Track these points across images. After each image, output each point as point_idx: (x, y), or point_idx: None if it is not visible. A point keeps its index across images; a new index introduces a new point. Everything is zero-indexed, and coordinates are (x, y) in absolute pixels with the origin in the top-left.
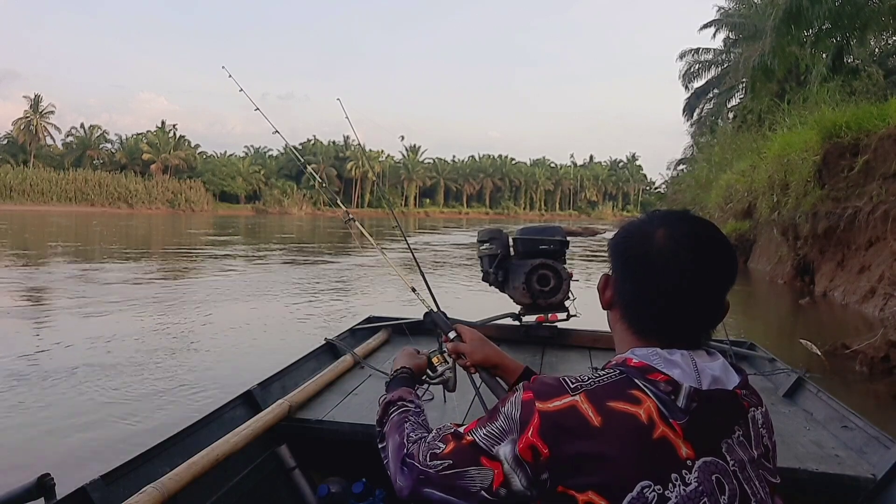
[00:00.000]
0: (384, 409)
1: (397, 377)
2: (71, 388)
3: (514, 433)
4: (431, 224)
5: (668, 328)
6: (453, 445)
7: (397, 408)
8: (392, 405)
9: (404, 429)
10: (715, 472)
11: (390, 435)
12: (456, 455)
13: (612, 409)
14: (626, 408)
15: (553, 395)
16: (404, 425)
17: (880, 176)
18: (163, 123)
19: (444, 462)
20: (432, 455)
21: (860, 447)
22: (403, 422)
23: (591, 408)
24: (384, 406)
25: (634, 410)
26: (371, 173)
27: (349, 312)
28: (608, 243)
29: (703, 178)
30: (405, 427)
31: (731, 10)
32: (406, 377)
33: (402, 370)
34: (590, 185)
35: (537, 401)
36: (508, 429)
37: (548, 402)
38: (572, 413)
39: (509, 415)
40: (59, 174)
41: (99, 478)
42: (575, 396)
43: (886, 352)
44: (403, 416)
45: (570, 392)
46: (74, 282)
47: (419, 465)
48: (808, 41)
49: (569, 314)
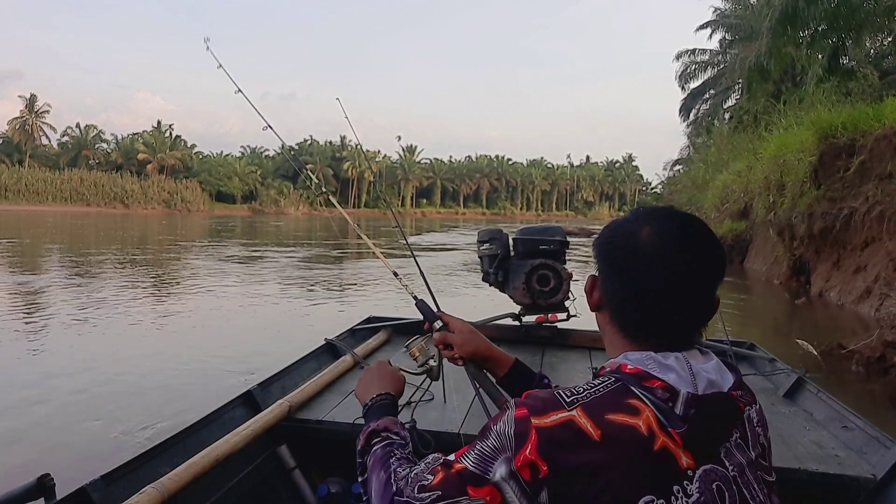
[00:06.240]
0: (367, 438)
1: (377, 405)
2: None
3: (508, 451)
4: (428, 226)
5: (658, 328)
6: (442, 475)
7: (381, 440)
8: (375, 435)
9: (390, 465)
10: (715, 480)
11: (374, 471)
12: (444, 486)
13: (612, 421)
14: (626, 420)
15: (549, 410)
16: (390, 461)
17: (876, 176)
18: (159, 123)
19: (433, 494)
20: (420, 487)
21: (860, 447)
22: (389, 456)
23: (590, 422)
24: (367, 436)
25: (634, 422)
26: (368, 173)
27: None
28: (593, 242)
29: (699, 178)
30: (391, 463)
31: (728, 10)
32: (387, 404)
33: (381, 397)
34: (586, 185)
35: (533, 417)
36: (502, 447)
37: (543, 417)
38: (570, 428)
39: (503, 433)
40: (55, 174)
41: (99, 478)
42: (571, 411)
43: (882, 352)
44: (388, 450)
45: (566, 406)
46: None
47: (407, 499)
48: (804, 42)
49: (569, 314)
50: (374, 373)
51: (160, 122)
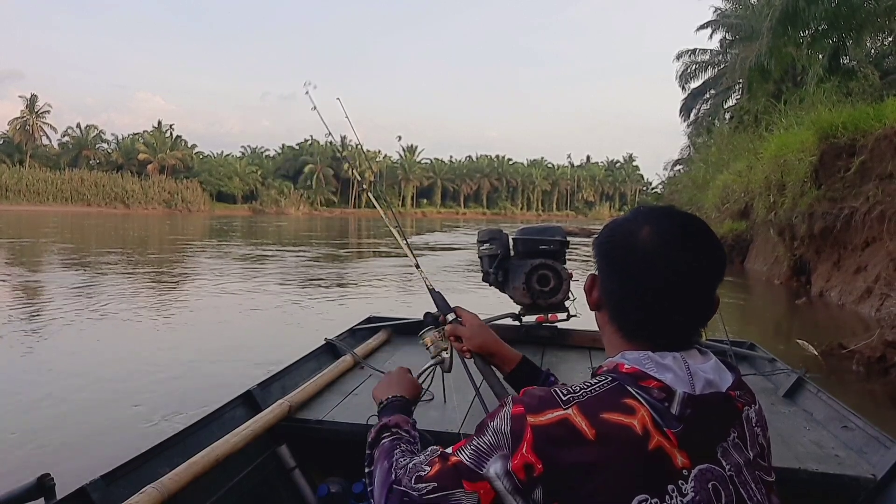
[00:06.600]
0: (377, 432)
1: (391, 403)
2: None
3: (504, 448)
4: (429, 225)
5: (657, 328)
6: (438, 467)
7: (390, 434)
8: (385, 430)
9: (393, 455)
10: (711, 480)
11: (379, 461)
12: (440, 477)
13: (606, 420)
14: (621, 419)
15: (545, 408)
16: (394, 452)
17: (876, 176)
18: (159, 123)
19: (429, 485)
20: (417, 478)
21: (860, 447)
22: (394, 448)
23: (585, 420)
24: (378, 429)
25: (629, 422)
26: (369, 173)
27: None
28: (593, 242)
29: (699, 178)
30: (394, 454)
31: (728, 10)
32: (401, 404)
33: (396, 398)
34: (587, 185)
35: (528, 414)
36: (498, 444)
37: (539, 415)
38: (565, 426)
39: (499, 429)
40: (56, 174)
41: (99, 478)
42: (567, 409)
43: (883, 352)
44: (395, 442)
45: (561, 405)
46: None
47: (404, 489)
48: (804, 42)
49: (569, 314)
50: (394, 377)
51: (160, 122)
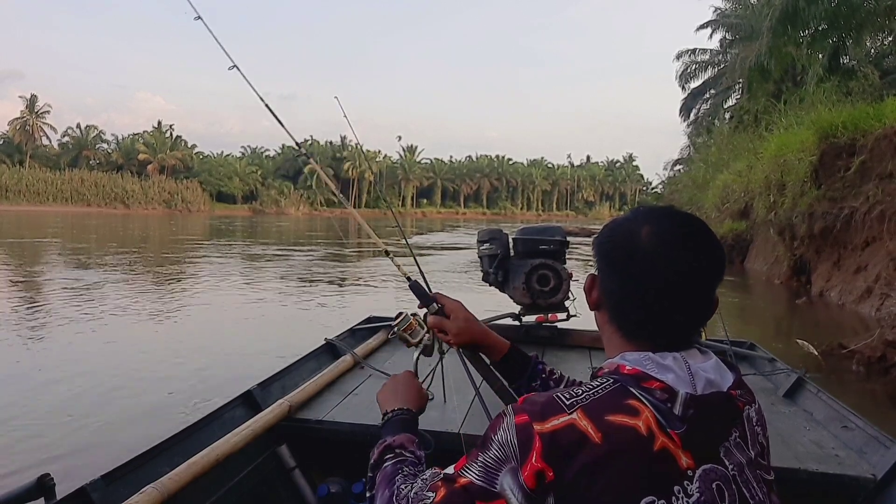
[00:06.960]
0: (381, 453)
1: (397, 418)
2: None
3: (513, 461)
4: (429, 225)
5: (658, 328)
6: (444, 492)
7: (394, 456)
8: (389, 451)
9: (395, 482)
10: (715, 480)
11: (380, 488)
12: (449, 502)
13: (611, 422)
14: (626, 420)
15: (549, 415)
16: (396, 478)
17: (876, 176)
18: (159, 123)
19: None
20: None
21: (860, 447)
22: (396, 473)
23: (590, 424)
24: (381, 450)
25: (633, 423)
26: (369, 173)
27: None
28: (593, 242)
29: (699, 178)
30: (396, 480)
31: (728, 10)
32: (407, 420)
33: (402, 412)
34: (587, 185)
35: (534, 423)
36: (506, 457)
37: (545, 422)
38: (572, 431)
39: (505, 442)
40: (56, 174)
41: (99, 478)
42: (572, 414)
43: (883, 351)
44: (397, 466)
45: (566, 409)
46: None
47: None
48: (804, 41)
49: (569, 314)
50: (401, 383)
51: (160, 122)
